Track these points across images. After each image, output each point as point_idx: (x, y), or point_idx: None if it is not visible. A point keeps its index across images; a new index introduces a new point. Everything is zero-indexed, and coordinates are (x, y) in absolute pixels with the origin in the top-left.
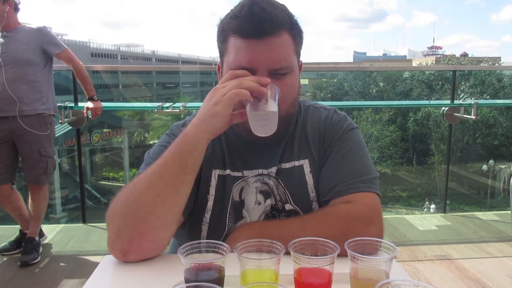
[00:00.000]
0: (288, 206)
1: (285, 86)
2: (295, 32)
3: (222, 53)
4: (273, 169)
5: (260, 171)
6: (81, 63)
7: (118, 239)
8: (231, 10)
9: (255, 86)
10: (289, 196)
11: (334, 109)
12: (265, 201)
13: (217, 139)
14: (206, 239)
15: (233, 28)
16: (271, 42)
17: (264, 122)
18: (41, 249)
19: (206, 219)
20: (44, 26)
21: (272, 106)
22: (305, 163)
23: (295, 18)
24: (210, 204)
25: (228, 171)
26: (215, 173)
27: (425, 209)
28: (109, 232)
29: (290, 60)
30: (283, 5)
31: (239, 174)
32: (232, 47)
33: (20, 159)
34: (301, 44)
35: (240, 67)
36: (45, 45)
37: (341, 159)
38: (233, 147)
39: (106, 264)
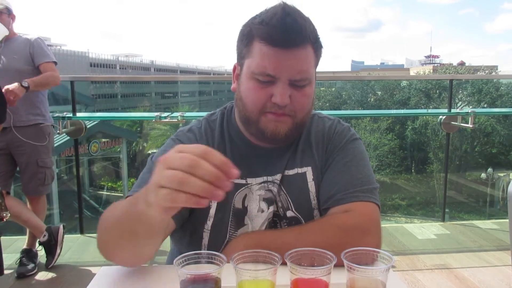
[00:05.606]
0: (289, 213)
1: (303, 96)
2: (318, 46)
3: (243, 55)
4: (278, 176)
5: (264, 178)
6: (59, 77)
7: (104, 254)
8: (259, 15)
9: (207, 189)
10: (291, 203)
11: (338, 119)
12: (268, 208)
13: (221, 145)
14: (208, 246)
15: (261, 34)
16: (297, 53)
17: None
18: (38, 260)
19: (208, 227)
20: (38, 37)
21: None
22: (308, 171)
23: (318, 32)
24: (212, 211)
25: None
26: None
27: None
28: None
29: (310, 72)
30: (308, 18)
31: (242, 181)
32: (257, 53)
33: (17, 169)
34: (320, 57)
35: (264, 73)
36: (32, 54)
37: (342, 168)
38: (238, 154)
39: (102, 275)
